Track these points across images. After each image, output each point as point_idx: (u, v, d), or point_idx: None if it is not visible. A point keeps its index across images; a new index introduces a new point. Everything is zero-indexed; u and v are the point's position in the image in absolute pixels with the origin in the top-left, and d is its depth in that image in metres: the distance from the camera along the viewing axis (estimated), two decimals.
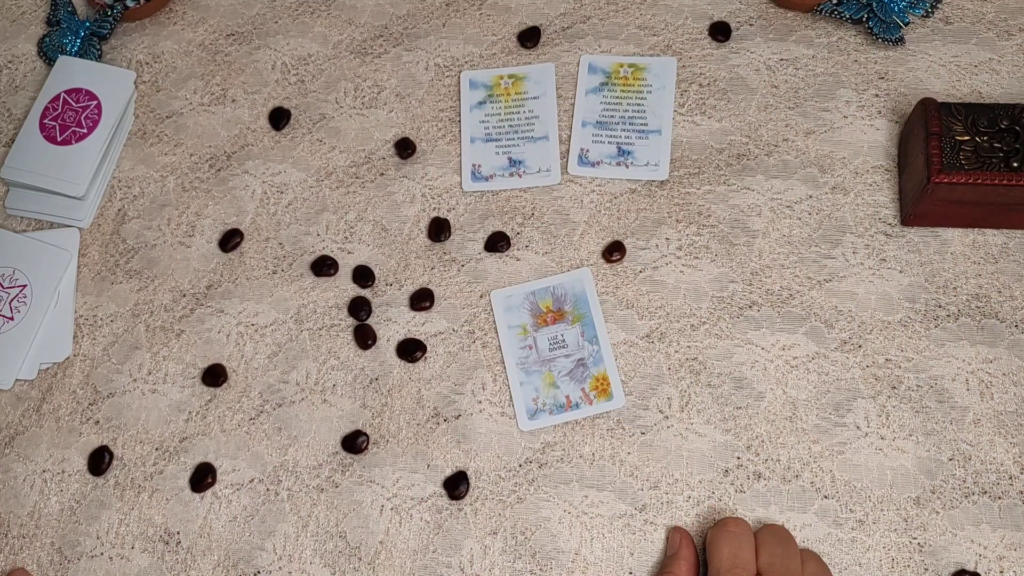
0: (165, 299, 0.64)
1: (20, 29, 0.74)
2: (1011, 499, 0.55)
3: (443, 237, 0.64)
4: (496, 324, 0.61)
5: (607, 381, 0.59)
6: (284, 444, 0.59)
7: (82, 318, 0.63)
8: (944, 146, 0.57)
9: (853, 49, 0.67)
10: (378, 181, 0.66)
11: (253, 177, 0.67)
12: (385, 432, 0.59)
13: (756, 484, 0.56)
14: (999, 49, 0.66)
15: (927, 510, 0.55)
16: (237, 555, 0.57)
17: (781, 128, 0.65)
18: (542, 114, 0.67)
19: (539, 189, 0.65)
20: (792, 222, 0.62)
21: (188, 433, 0.60)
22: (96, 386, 0.62)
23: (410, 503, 0.57)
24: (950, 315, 0.59)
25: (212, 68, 0.71)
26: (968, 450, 0.56)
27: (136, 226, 0.66)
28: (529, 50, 0.69)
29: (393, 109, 0.68)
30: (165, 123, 0.69)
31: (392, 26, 0.71)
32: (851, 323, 0.59)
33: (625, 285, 0.62)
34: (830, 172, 0.63)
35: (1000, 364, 0.58)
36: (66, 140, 0.66)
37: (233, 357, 0.62)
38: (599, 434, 0.58)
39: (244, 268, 0.64)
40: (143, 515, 0.58)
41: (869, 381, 0.58)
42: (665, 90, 0.67)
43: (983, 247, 0.61)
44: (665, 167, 0.64)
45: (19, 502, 0.59)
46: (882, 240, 0.61)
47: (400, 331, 0.61)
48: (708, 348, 0.59)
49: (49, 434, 0.61)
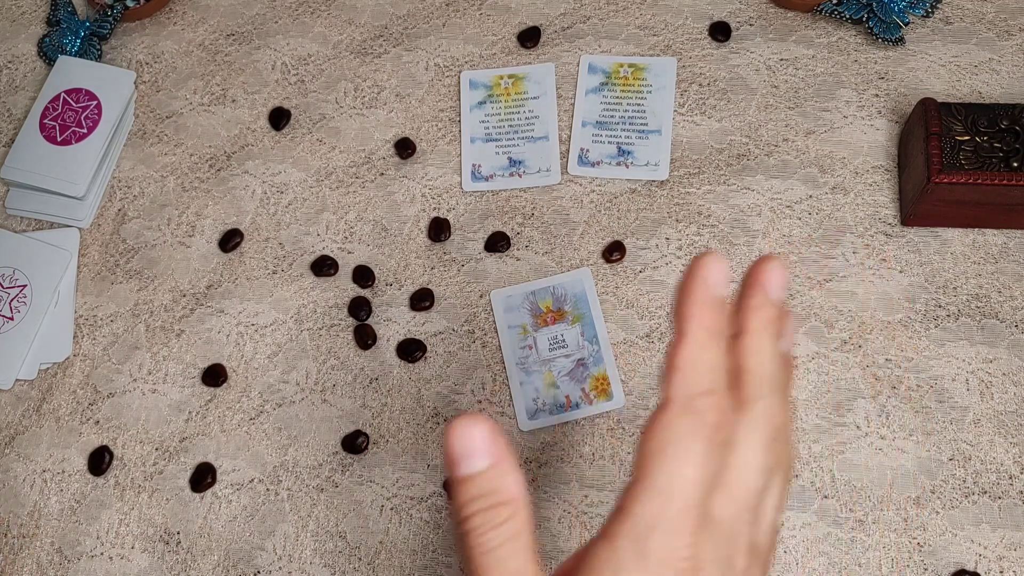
0: (165, 299, 0.64)
1: (20, 29, 0.74)
2: (1011, 499, 0.55)
3: (443, 237, 0.64)
4: (496, 324, 0.61)
5: (607, 381, 0.59)
6: (284, 444, 0.59)
7: (82, 318, 0.63)
8: (944, 146, 0.57)
9: (853, 49, 0.67)
10: (378, 181, 0.66)
11: (253, 177, 0.67)
12: (385, 432, 0.59)
13: None
14: (999, 49, 0.66)
15: (927, 510, 0.55)
16: (237, 555, 0.57)
17: (781, 128, 0.65)
18: (542, 114, 0.67)
19: (539, 189, 0.65)
20: (792, 222, 0.62)
21: (188, 433, 0.60)
22: (96, 386, 0.62)
23: (410, 503, 0.57)
24: (950, 315, 0.59)
25: (212, 68, 0.71)
26: (968, 450, 0.56)
27: (136, 226, 0.66)
28: (529, 50, 0.69)
29: (393, 109, 0.68)
30: (165, 123, 0.69)
31: (392, 26, 0.71)
32: (851, 323, 0.59)
33: (625, 285, 0.62)
34: (830, 172, 0.63)
35: (1000, 364, 0.58)
36: (66, 140, 0.66)
37: (233, 357, 0.62)
38: (599, 434, 0.58)
39: (244, 268, 0.64)
40: (143, 515, 0.58)
41: (869, 381, 0.58)
42: (665, 90, 0.67)
43: (983, 247, 0.61)
44: (665, 167, 0.64)
45: (19, 502, 0.59)
46: (882, 240, 0.61)
47: (400, 331, 0.61)
48: None
49: (49, 434, 0.61)
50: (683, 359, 0.30)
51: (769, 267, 0.32)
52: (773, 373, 0.31)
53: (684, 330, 0.30)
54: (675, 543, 0.28)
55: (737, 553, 0.30)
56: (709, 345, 0.30)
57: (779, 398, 0.31)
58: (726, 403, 0.30)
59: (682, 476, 0.29)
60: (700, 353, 0.30)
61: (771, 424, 0.31)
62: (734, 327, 0.32)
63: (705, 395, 0.30)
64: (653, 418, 0.30)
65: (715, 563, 0.29)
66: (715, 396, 0.30)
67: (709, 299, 0.31)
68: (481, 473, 0.30)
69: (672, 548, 0.28)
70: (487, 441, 0.30)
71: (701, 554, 0.29)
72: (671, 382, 0.30)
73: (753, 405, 0.31)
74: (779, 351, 0.32)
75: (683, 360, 0.30)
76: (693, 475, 0.29)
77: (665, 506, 0.29)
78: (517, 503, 0.30)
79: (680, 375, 0.30)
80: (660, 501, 0.29)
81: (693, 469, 0.29)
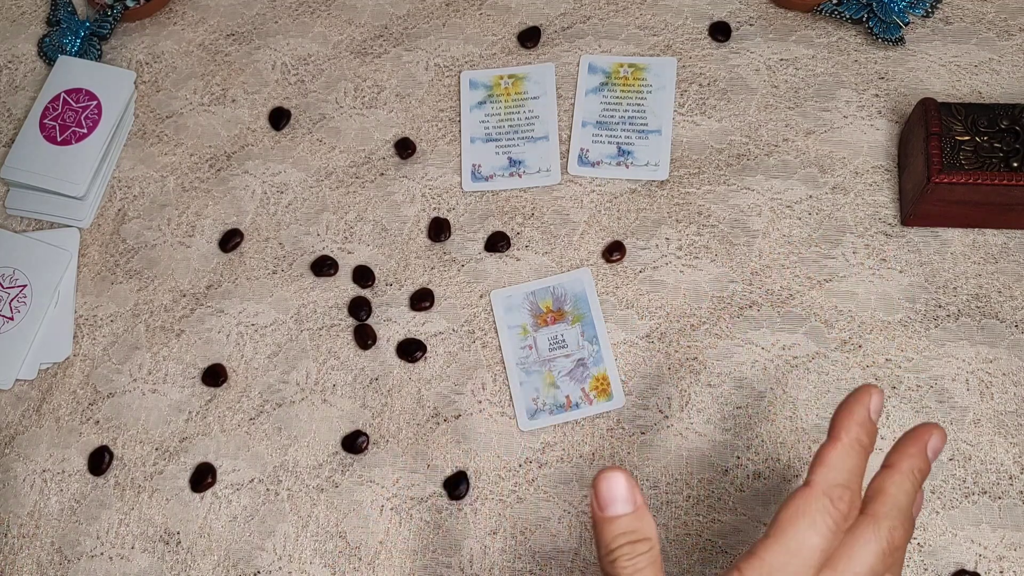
0: (165, 299, 0.64)
1: (20, 29, 0.73)
2: (1011, 499, 0.55)
3: (443, 237, 0.64)
4: (496, 324, 0.61)
5: (607, 381, 0.59)
6: (284, 444, 0.59)
7: (82, 318, 0.63)
8: (944, 146, 0.57)
9: (853, 49, 0.67)
10: (378, 181, 0.66)
11: (253, 177, 0.67)
12: (385, 432, 0.59)
13: (756, 483, 0.56)
14: (999, 49, 0.66)
15: (927, 510, 0.55)
16: (237, 555, 0.57)
17: (781, 128, 0.65)
18: (542, 114, 0.67)
19: (539, 189, 0.65)
20: (792, 222, 0.62)
21: (188, 433, 0.60)
22: (96, 386, 0.62)
23: (410, 503, 0.57)
24: (950, 315, 0.59)
25: (212, 68, 0.71)
26: (968, 450, 0.56)
27: (136, 226, 0.66)
28: (529, 50, 0.69)
29: (393, 109, 0.68)
30: (165, 123, 0.69)
31: (392, 26, 0.71)
32: (851, 323, 0.59)
33: (625, 285, 0.62)
34: (830, 172, 0.63)
35: (1000, 364, 0.58)
36: (66, 140, 0.66)
37: (233, 357, 0.62)
38: (599, 434, 0.58)
39: (244, 268, 0.64)
40: (143, 515, 0.58)
41: (869, 381, 0.58)
42: (665, 90, 0.67)
43: (983, 247, 0.61)
44: (665, 167, 0.64)
45: (19, 502, 0.59)
46: (882, 240, 0.61)
47: (400, 331, 0.61)
48: (708, 348, 0.59)
49: (49, 434, 0.61)
50: (832, 456, 0.37)
51: (935, 434, 0.40)
52: (905, 505, 0.38)
53: (838, 436, 0.37)
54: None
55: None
56: (854, 454, 0.37)
57: (905, 526, 0.38)
58: (858, 501, 0.37)
59: (809, 542, 0.36)
60: (846, 457, 0.37)
61: (891, 538, 0.37)
62: (888, 460, 0.40)
63: (843, 487, 0.37)
64: (796, 493, 0.37)
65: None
66: (851, 492, 0.37)
67: (865, 420, 0.38)
68: (627, 515, 0.37)
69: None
70: (629, 490, 0.37)
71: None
72: (817, 471, 0.37)
73: (882, 520, 0.37)
74: (915, 491, 0.39)
75: (831, 457, 0.37)
76: (818, 544, 0.36)
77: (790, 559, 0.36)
78: (654, 540, 0.37)
79: (826, 467, 0.37)
80: (786, 555, 0.36)
81: (819, 539, 0.36)
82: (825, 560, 0.36)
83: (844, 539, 0.37)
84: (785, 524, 0.36)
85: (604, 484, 0.37)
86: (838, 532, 0.36)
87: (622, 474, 0.37)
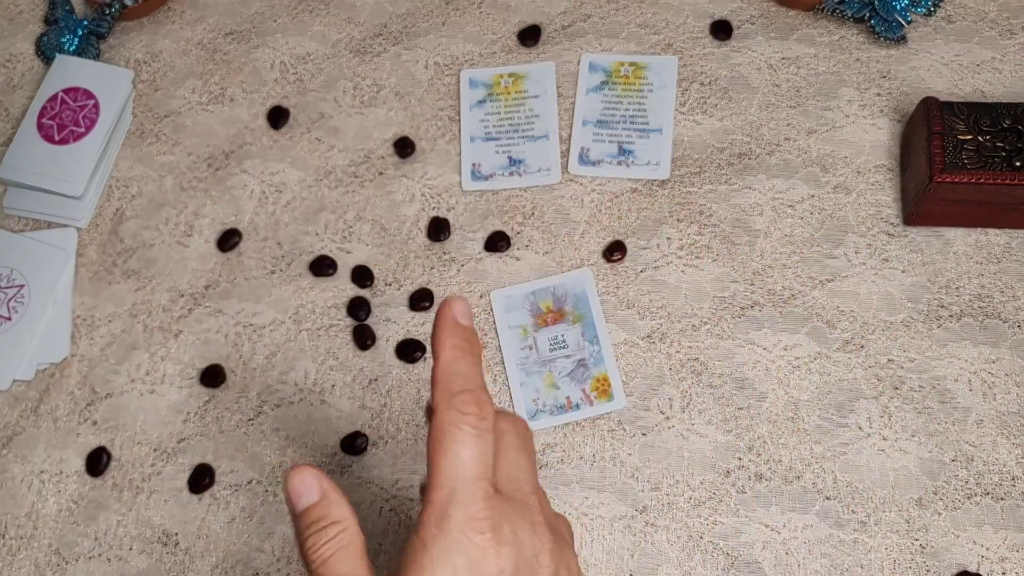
0: (163, 299, 0.63)
1: (18, 28, 0.73)
2: (1014, 500, 0.54)
3: (443, 237, 0.64)
4: (496, 324, 0.61)
5: (608, 382, 0.59)
6: (283, 445, 0.59)
7: (80, 318, 0.63)
8: (946, 145, 0.57)
9: (855, 48, 0.67)
10: (377, 180, 0.66)
11: (251, 176, 0.67)
12: (384, 433, 0.59)
13: (758, 485, 0.56)
14: (1001, 48, 0.66)
15: (929, 511, 0.54)
16: (235, 557, 0.57)
17: (783, 127, 0.65)
18: (542, 113, 0.67)
19: (539, 188, 0.65)
20: (794, 221, 0.62)
21: (186, 434, 0.60)
22: (94, 386, 0.61)
23: (409, 504, 0.57)
24: (953, 315, 0.59)
25: (210, 67, 0.71)
26: (971, 451, 0.56)
27: (134, 226, 0.66)
28: (529, 49, 0.69)
29: (392, 108, 0.68)
30: (163, 122, 0.69)
31: (391, 24, 0.71)
32: (853, 323, 0.59)
33: (626, 285, 0.61)
34: (832, 171, 0.63)
35: (1003, 364, 0.57)
36: (64, 139, 0.66)
37: (231, 358, 0.61)
38: (600, 435, 0.58)
39: (242, 268, 0.64)
40: (141, 516, 0.58)
41: (871, 381, 0.58)
42: (666, 89, 0.66)
43: (986, 247, 0.60)
44: (666, 166, 0.64)
45: (17, 503, 0.59)
46: (884, 240, 0.61)
47: (399, 331, 0.61)
48: (709, 348, 0.59)
49: (47, 435, 0.60)
50: (438, 374, 0.36)
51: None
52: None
53: (437, 353, 0.36)
54: (470, 508, 0.33)
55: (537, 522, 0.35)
56: (460, 360, 0.36)
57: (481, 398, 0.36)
58: (483, 398, 0.35)
59: (460, 457, 0.34)
60: (453, 366, 0.36)
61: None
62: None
63: (463, 392, 0.35)
64: (429, 428, 0.35)
65: (512, 523, 0.34)
66: (472, 393, 0.35)
67: (455, 327, 0.37)
68: (314, 504, 0.36)
69: (469, 513, 0.33)
70: (316, 480, 0.36)
71: (497, 516, 0.33)
72: (434, 394, 0.36)
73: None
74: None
75: (438, 374, 0.36)
76: (470, 453, 0.34)
77: (455, 483, 0.34)
78: (345, 522, 0.35)
79: (439, 386, 0.36)
80: (449, 481, 0.34)
81: (468, 449, 0.34)
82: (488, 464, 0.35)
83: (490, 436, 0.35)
84: (436, 457, 0.34)
85: (291, 481, 0.36)
86: (481, 434, 0.35)
87: (308, 468, 0.36)
